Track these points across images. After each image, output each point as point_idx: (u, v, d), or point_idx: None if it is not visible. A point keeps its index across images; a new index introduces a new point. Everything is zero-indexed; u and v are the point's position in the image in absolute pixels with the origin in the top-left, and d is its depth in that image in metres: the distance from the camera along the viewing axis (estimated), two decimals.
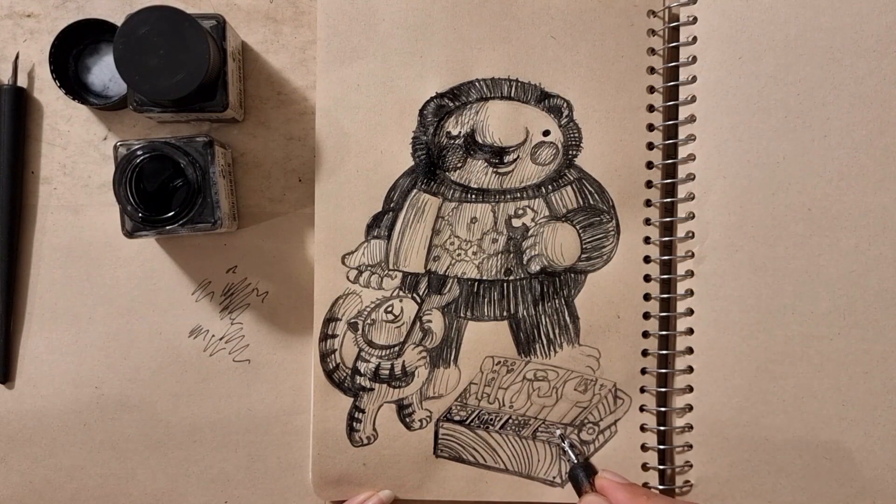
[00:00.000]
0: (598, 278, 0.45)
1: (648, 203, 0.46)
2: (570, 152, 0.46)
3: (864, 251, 0.43)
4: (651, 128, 0.46)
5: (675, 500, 0.41)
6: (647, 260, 0.46)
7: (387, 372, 0.46)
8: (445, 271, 0.46)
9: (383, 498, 0.45)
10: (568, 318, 0.46)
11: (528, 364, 0.46)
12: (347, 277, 0.45)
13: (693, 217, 0.45)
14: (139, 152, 0.41)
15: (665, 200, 0.46)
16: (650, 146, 0.46)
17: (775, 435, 0.44)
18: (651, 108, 0.46)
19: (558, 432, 0.45)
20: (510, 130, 0.45)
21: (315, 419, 0.45)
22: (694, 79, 0.45)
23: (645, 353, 0.46)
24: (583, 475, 0.43)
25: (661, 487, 0.45)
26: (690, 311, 0.45)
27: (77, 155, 0.46)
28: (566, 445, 0.45)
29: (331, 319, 0.45)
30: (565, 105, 0.45)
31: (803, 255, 0.44)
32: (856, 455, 0.44)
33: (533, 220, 0.46)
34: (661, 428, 0.45)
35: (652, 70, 0.46)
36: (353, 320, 0.45)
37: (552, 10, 0.45)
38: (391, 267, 0.45)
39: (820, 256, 0.44)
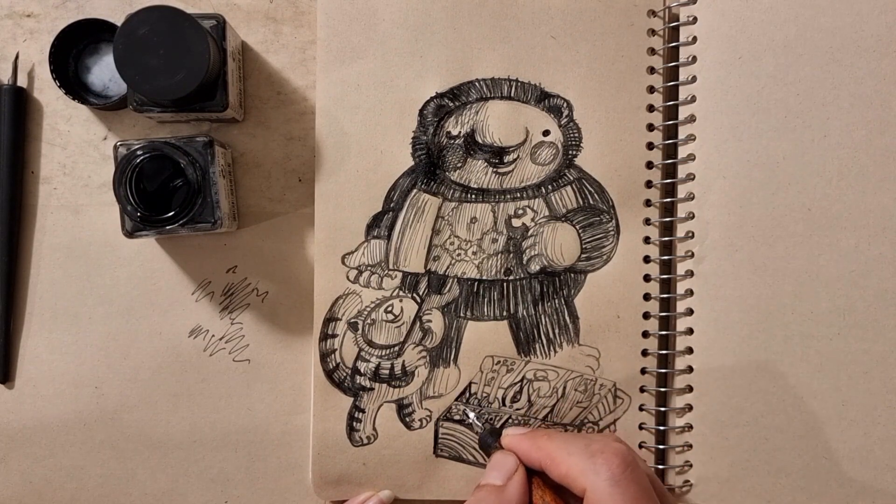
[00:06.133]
0: (598, 278, 0.45)
1: (648, 203, 0.46)
2: (570, 152, 0.46)
3: (864, 251, 0.43)
4: (651, 128, 0.46)
5: (575, 434, 0.40)
6: (646, 260, 0.46)
7: (387, 372, 0.46)
8: (445, 271, 0.46)
9: (383, 498, 0.45)
10: (568, 318, 0.46)
11: (528, 364, 0.46)
12: (347, 277, 0.45)
13: (693, 217, 0.45)
14: (139, 152, 0.41)
15: (665, 200, 0.46)
16: (650, 146, 0.46)
17: (775, 435, 0.44)
18: (651, 108, 0.46)
19: (462, 407, 0.45)
20: (510, 130, 0.45)
21: (315, 419, 0.45)
22: (694, 79, 0.45)
23: (645, 352, 0.46)
24: (491, 440, 0.42)
25: None
26: (690, 311, 0.45)
27: (77, 155, 0.46)
28: (472, 417, 0.45)
29: (331, 319, 0.45)
30: (565, 105, 0.45)
31: (803, 255, 0.44)
32: (856, 455, 0.44)
33: (533, 219, 0.46)
34: (661, 428, 0.45)
35: (652, 70, 0.46)
36: (353, 320, 0.45)
37: (552, 10, 0.45)
38: (391, 267, 0.45)
39: (820, 256, 0.44)
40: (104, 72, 0.46)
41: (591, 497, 0.34)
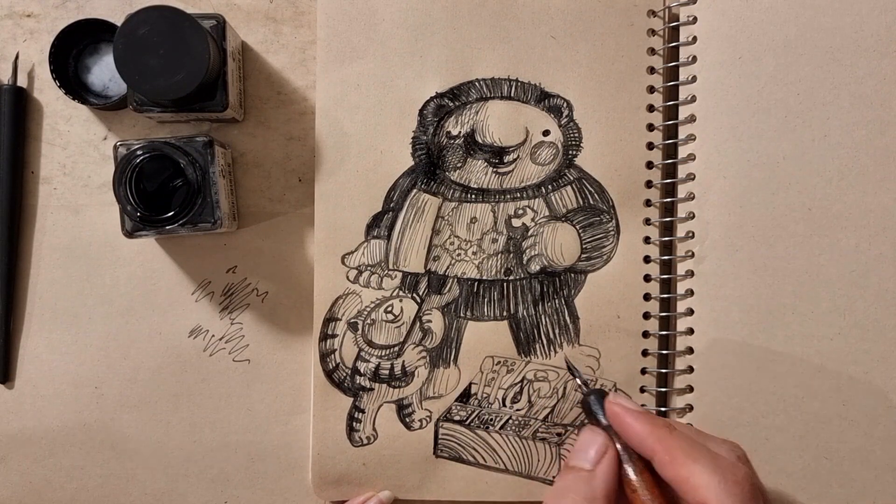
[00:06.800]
0: (598, 278, 0.45)
1: (648, 203, 0.46)
2: (570, 152, 0.46)
3: (864, 251, 0.43)
4: (651, 128, 0.46)
5: (697, 436, 0.36)
6: (647, 260, 0.46)
7: (387, 372, 0.46)
8: (445, 271, 0.46)
9: (383, 498, 0.45)
10: (568, 318, 0.46)
11: (528, 364, 0.46)
12: (347, 277, 0.45)
13: (693, 217, 0.45)
14: (139, 152, 0.41)
15: (665, 200, 0.46)
16: (650, 146, 0.46)
17: (775, 435, 0.44)
18: (651, 108, 0.46)
19: (571, 364, 0.44)
20: (510, 130, 0.45)
21: (315, 419, 0.45)
22: (694, 79, 0.45)
23: (645, 353, 0.46)
24: (598, 406, 0.37)
25: None
26: (690, 311, 0.45)
27: (77, 155, 0.46)
28: (578, 372, 0.42)
29: (331, 319, 0.45)
30: (565, 105, 0.45)
31: (803, 255, 0.44)
32: (856, 455, 0.44)
33: (533, 219, 0.46)
34: None
35: (652, 70, 0.46)
36: (352, 320, 0.45)
37: (552, 10, 0.45)
38: (391, 267, 0.45)
39: (820, 256, 0.44)
40: (104, 72, 0.46)
41: None
